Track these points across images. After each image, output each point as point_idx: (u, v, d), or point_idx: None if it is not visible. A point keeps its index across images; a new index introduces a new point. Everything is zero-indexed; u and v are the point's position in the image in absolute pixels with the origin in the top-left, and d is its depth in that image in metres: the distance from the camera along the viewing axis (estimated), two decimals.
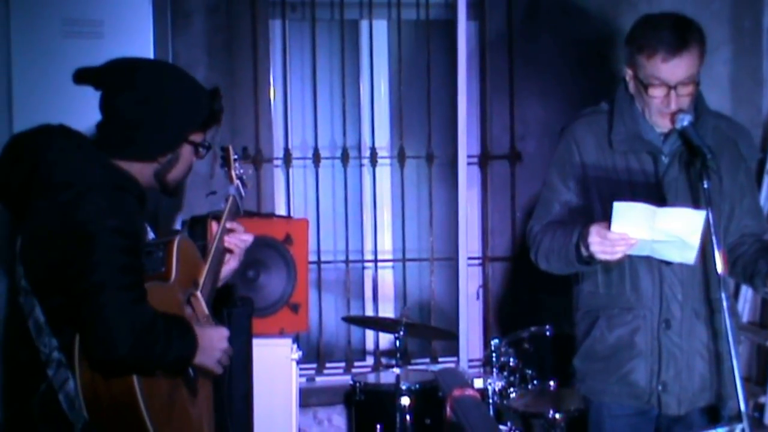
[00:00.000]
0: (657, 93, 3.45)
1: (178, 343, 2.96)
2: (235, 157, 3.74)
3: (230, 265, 3.53)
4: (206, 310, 3.26)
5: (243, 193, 3.72)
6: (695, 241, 3.25)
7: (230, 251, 3.50)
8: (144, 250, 3.09)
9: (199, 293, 3.25)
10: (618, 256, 3.34)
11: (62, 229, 2.86)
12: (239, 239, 3.51)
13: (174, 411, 3.06)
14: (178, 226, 4.94)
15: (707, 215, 3.23)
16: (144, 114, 3.06)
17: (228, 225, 3.49)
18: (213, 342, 3.14)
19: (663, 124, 3.52)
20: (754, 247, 3.60)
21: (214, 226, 3.49)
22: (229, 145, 3.79)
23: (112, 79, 3.10)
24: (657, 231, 3.24)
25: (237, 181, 3.69)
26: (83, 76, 3.12)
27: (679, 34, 3.40)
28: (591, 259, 3.41)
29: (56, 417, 2.91)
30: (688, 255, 3.31)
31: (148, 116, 3.07)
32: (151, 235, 3.30)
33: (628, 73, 3.56)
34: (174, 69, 3.32)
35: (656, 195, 3.50)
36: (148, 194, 3.21)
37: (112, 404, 2.88)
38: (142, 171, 3.12)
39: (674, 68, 3.40)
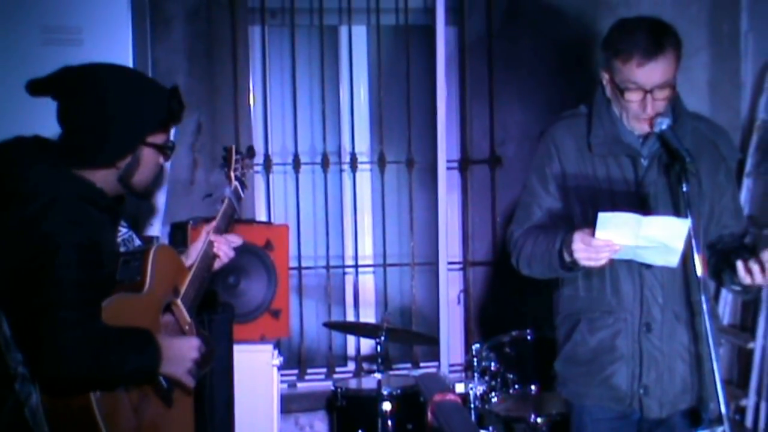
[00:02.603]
0: (633, 97, 3.45)
1: (135, 356, 2.93)
2: (237, 157, 3.67)
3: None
4: (188, 318, 3.24)
5: (242, 195, 3.65)
6: (679, 245, 3.23)
7: (218, 257, 3.46)
8: (121, 259, 3.07)
9: (179, 301, 3.23)
10: (602, 262, 3.32)
11: (24, 242, 2.84)
12: (229, 247, 3.46)
13: (142, 423, 3.05)
14: (156, 231, 4.92)
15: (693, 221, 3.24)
16: (95, 120, 3.02)
17: (212, 236, 3.45)
18: (182, 352, 3.11)
19: (640, 128, 3.52)
20: (729, 245, 3.60)
21: (203, 231, 3.42)
22: (233, 145, 3.72)
23: (62, 87, 3.07)
24: (641, 238, 3.22)
25: (235, 183, 3.63)
26: (36, 88, 3.10)
27: (655, 38, 3.40)
28: (574, 265, 3.40)
29: (22, 431, 2.89)
30: (672, 259, 3.29)
31: (99, 122, 3.02)
32: (137, 242, 3.28)
33: (605, 77, 3.56)
34: (124, 71, 3.24)
35: (636, 198, 3.50)
36: (127, 200, 3.19)
37: (71, 419, 2.87)
38: (106, 178, 3.08)
39: (650, 72, 3.39)
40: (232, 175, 3.63)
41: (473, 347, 4.93)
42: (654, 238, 3.22)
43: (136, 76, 3.21)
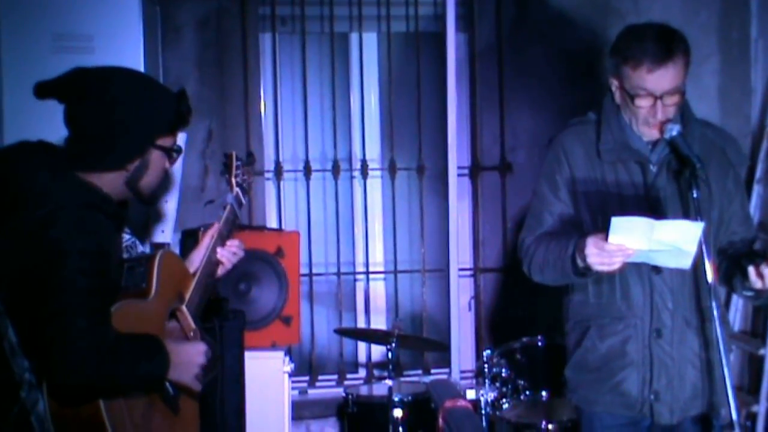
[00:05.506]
0: (643, 103, 3.45)
1: (145, 363, 2.92)
2: (238, 163, 3.67)
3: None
4: (193, 324, 3.23)
5: (243, 201, 3.63)
6: (692, 248, 3.22)
7: (221, 263, 3.47)
8: (126, 265, 3.07)
9: (184, 307, 3.22)
10: (615, 267, 3.32)
11: (31, 249, 2.82)
12: (232, 253, 3.47)
13: (150, 430, 3.05)
14: (167, 238, 4.91)
15: (704, 226, 3.23)
16: (105, 122, 3.00)
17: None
18: (190, 357, 3.11)
19: (650, 134, 3.52)
20: (739, 250, 3.58)
21: (206, 237, 3.43)
22: (233, 151, 3.72)
23: (70, 90, 3.05)
24: (654, 242, 3.22)
25: (237, 189, 3.62)
26: (43, 91, 3.07)
27: (664, 44, 3.40)
28: (587, 271, 3.40)
29: None
30: (684, 261, 3.29)
31: (109, 124, 3.00)
32: (140, 248, 3.27)
33: (614, 84, 3.56)
34: (133, 74, 3.21)
35: (645, 204, 3.50)
36: (131, 207, 3.18)
37: (79, 426, 2.86)
38: (113, 182, 3.06)
39: (660, 79, 3.40)
40: (233, 181, 3.62)
41: (484, 354, 4.94)
42: (667, 241, 3.22)
43: (143, 78, 3.20)
